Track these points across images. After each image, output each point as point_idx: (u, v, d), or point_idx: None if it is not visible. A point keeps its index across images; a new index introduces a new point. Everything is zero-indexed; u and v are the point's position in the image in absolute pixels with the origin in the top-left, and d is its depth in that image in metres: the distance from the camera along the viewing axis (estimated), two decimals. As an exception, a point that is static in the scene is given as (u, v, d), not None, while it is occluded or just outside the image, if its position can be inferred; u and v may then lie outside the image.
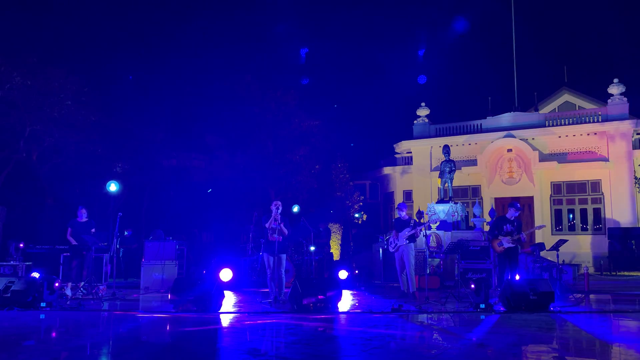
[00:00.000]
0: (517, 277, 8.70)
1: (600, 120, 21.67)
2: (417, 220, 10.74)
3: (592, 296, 10.50)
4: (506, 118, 23.44)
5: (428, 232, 12.21)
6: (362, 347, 5.40)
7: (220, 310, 8.02)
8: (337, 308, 8.17)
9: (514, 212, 9.36)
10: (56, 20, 22.35)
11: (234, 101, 22.79)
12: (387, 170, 27.33)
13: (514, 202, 9.76)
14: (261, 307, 8.57)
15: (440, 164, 17.44)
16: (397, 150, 26.97)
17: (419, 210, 16.34)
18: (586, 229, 21.64)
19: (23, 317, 7.32)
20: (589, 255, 20.37)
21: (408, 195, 25.81)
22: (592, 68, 33.30)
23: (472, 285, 8.16)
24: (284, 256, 9.32)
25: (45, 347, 5.55)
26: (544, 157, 22.03)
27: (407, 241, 9.79)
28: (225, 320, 7.37)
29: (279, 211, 9.14)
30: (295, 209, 16.59)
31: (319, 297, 8.01)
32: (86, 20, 23.96)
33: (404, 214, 10.17)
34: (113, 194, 12.17)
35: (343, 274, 11.81)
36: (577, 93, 26.57)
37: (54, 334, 6.38)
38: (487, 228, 15.22)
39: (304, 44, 27.01)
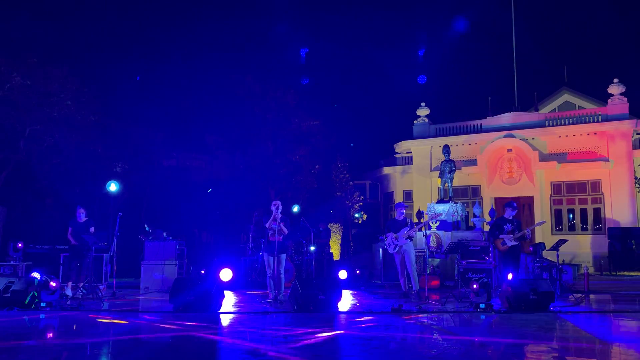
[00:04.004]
0: (510, 276, 8.67)
1: (600, 120, 21.66)
2: (418, 220, 10.75)
3: (592, 296, 10.50)
4: (506, 118, 23.43)
5: (428, 232, 12.21)
6: (362, 347, 5.39)
7: (220, 310, 8.02)
8: (337, 308, 8.17)
9: (511, 212, 9.48)
10: (56, 20, 22.37)
11: (234, 101, 22.78)
12: (387, 170, 27.33)
13: (510, 201, 9.86)
14: (261, 307, 8.57)
15: (440, 164, 17.43)
16: (397, 150, 26.96)
17: (419, 210, 16.34)
18: (586, 229, 21.63)
19: (23, 317, 7.32)
20: (589, 255, 20.36)
21: (408, 195, 25.81)
22: (592, 68, 33.30)
23: (475, 285, 8.13)
24: (283, 256, 9.33)
25: (45, 347, 5.55)
26: (544, 157, 22.03)
27: (409, 240, 9.81)
28: (225, 320, 7.37)
29: (279, 211, 9.14)
30: (295, 209, 16.58)
31: (319, 297, 8.01)
32: (86, 20, 23.99)
33: (404, 212, 10.21)
34: (113, 194, 12.18)
35: (343, 274, 11.80)
36: (577, 93, 26.56)
37: (54, 334, 6.38)
38: (487, 228, 15.21)
39: (304, 44, 27.01)
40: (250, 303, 9.28)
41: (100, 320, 7.39)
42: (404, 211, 10.26)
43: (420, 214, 15.24)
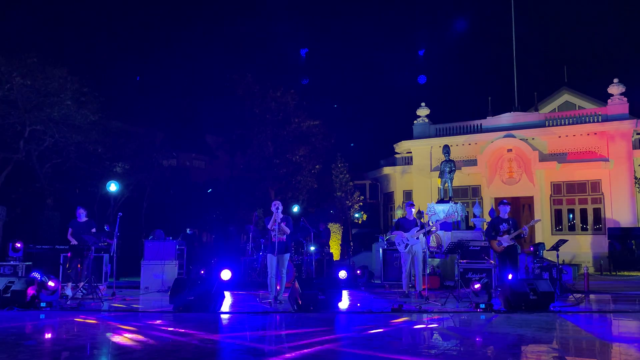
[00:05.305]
0: (510, 277, 8.66)
1: (600, 120, 21.66)
2: (422, 222, 10.71)
3: (592, 296, 10.50)
4: (506, 118, 23.43)
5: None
6: (361, 347, 5.40)
7: (220, 310, 8.02)
8: (337, 308, 8.17)
9: (504, 209, 9.49)
10: (56, 20, 22.38)
11: (234, 101, 22.81)
12: (387, 170, 27.33)
13: (502, 200, 9.87)
14: (261, 307, 8.57)
15: (440, 164, 17.43)
16: (397, 150, 26.96)
17: (419, 210, 16.33)
18: (586, 229, 21.63)
19: (23, 317, 7.32)
20: (589, 255, 20.36)
21: (408, 195, 25.80)
22: (592, 68, 33.28)
23: (476, 285, 8.12)
24: (286, 256, 9.30)
25: (45, 347, 5.55)
26: (544, 157, 22.03)
27: (418, 240, 9.82)
28: (225, 320, 7.37)
29: (279, 211, 9.13)
30: (295, 209, 16.59)
31: (319, 297, 8.01)
32: (86, 20, 24.00)
33: (414, 211, 10.20)
34: (113, 194, 12.19)
35: (343, 274, 11.80)
36: (577, 93, 26.56)
37: (54, 334, 6.38)
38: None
39: (304, 44, 27.05)
40: (250, 303, 9.28)
41: (100, 319, 7.38)
42: (413, 210, 10.26)
43: (420, 214, 15.24)
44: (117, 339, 5.92)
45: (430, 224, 10.35)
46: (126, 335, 6.11)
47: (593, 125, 21.65)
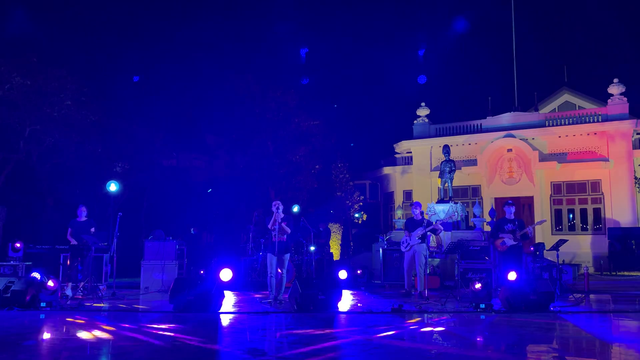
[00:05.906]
0: (514, 276, 8.64)
1: (600, 120, 21.67)
2: (429, 220, 10.70)
3: (592, 296, 10.50)
4: (506, 118, 23.44)
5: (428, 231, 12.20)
6: (362, 347, 5.40)
7: (220, 310, 8.02)
8: (337, 308, 8.17)
9: (509, 209, 9.50)
10: (56, 20, 22.37)
11: (234, 101, 22.78)
12: (387, 170, 27.33)
13: (507, 200, 9.90)
14: (261, 307, 8.57)
15: (440, 164, 17.43)
16: (397, 150, 26.97)
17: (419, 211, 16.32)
18: (586, 229, 21.63)
19: (23, 317, 7.32)
20: (589, 255, 20.36)
21: (408, 195, 25.81)
22: (592, 68, 33.23)
23: (477, 285, 8.12)
24: (287, 256, 9.30)
25: (45, 347, 5.55)
26: (544, 157, 22.03)
27: (420, 241, 9.82)
28: (225, 320, 7.37)
29: (280, 211, 9.13)
30: (295, 209, 16.57)
31: (319, 297, 8.01)
32: (86, 20, 23.99)
33: (417, 212, 10.20)
34: (113, 194, 12.16)
35: (343, 274, 11.79)
36: (577, 93, 26.56)
37: (53, 334, 6.38)
38: (487, 228, 15.23)
39: (304, 44, 27.00)
40: (250, 303, 9.28)
41: (100, 319, 7.38)
42: (419, 210, 10.26)
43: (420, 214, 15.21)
44: (117, 338, 5.92)
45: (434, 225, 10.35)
46: (126, 335, 6.11)
47: (593, 125, 21.66)
